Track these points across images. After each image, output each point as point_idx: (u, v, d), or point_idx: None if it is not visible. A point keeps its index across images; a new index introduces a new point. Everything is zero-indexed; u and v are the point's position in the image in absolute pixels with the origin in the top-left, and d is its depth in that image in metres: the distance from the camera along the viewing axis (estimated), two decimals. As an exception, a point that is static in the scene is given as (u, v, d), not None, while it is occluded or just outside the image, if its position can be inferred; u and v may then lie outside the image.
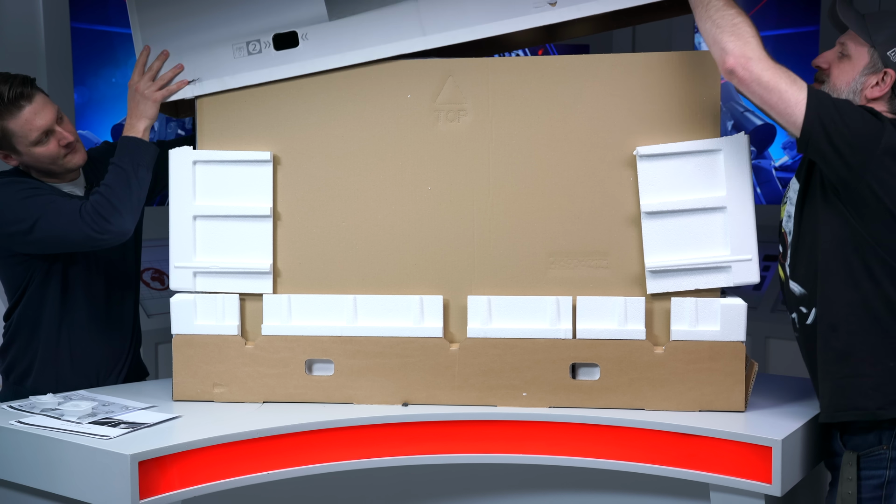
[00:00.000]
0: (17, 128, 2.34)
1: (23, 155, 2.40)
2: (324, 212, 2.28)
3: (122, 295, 2.62)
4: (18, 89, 2.33)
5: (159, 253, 2.76)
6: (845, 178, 1.97)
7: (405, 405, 2.26)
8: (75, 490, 1.95)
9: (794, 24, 4.03)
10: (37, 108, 2.35)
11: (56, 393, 2.32)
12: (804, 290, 2.13)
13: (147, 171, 2.37)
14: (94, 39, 3.78)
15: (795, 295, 2.16)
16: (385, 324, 2.26)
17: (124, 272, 2.62)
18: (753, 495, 2.02)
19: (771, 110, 1.99)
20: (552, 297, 2.21)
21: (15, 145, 2.37)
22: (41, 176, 2.46)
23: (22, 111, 2.33)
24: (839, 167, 1.96)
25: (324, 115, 2.28)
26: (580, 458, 2.16)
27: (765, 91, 1.96)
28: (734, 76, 1.96)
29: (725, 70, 1.98)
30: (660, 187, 2.18)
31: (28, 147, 2.37)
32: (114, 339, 2.59)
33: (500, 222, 2.25)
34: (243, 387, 2.29)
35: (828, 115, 1.93)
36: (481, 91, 2.24)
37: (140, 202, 2.38)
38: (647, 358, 2.19)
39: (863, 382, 2.03)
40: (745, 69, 1.95)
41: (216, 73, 2.29)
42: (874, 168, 1.94)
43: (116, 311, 2.60)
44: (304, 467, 2.12)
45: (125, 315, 2.63)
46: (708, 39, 2.01)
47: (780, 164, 4.22)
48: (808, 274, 2.11)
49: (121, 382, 2.58)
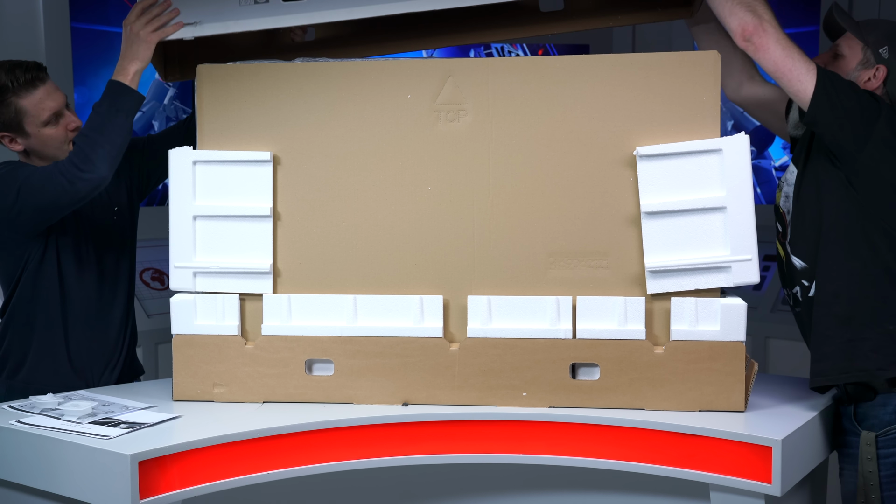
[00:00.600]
0: (31, 106, 2.39)
1: (31, 137, 2.43)
2: (324, 212, 2.28)
3: (114, 287, 2.60)
4: (34, 72, 2.41)
5: (159, 253, 2.76)
6: (849, 149, 2.15)
7: (405, 405, 2.26)
8: (75, 490, 1.95)
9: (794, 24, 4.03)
10: (49, 91, 2.42)
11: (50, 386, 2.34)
12: (805, 264, 2.26)
13: (126, 118, 2.31)
14: (94, 39, 3.78)
15: (797, 269, 2.28)
16: (385, 324, 2.26)
17: (116, 261, 2.61)
18: (753, 495, 2.03)
19: (782, 79, 2.16)
20: (552, 297, 2.21)
21: (25, 126, 2.41)
22: (42, 163, 2.46)
23: (37, 90, 2.40)
24: (843, 138, 2.14)
25: (324, 115, 2.28)
26: (580, 458, 2.16)
27: (780, 60, 2.14)
28: (751, 44, 2.14)
29: (743, 38, 2.14)
30: (660, 187, 2.18)
31: (38, 128, 2.41)
32: (108, 333, 2.59)
33: (500, 222, 2.25)
34: (243, 387, 2.29)
35: (834, 90, 2.13)
36: (481, 91, 2.24)
37: (116, 149, 2.31)
38: (647, 358, 2.19)
39: (864, 345, 2.17)
40: (762, 39, 2.13)
41: (219, 17, 2.27)
42: (876, 140, 2.13)
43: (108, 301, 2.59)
44: (304, 467, 2.12)
45: (117, 307, 2.61)
46: (723, 13, 2.17)
47: (780, 164, 4.22)
48: (809, 248, 2.25)
49: (115, 378, 2.58)
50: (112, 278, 2.60)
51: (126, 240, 2.64)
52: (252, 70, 2.29)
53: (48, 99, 2.42)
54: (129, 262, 2.66)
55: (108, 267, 2.59)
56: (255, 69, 2.29)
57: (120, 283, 2.63)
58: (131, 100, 2.32)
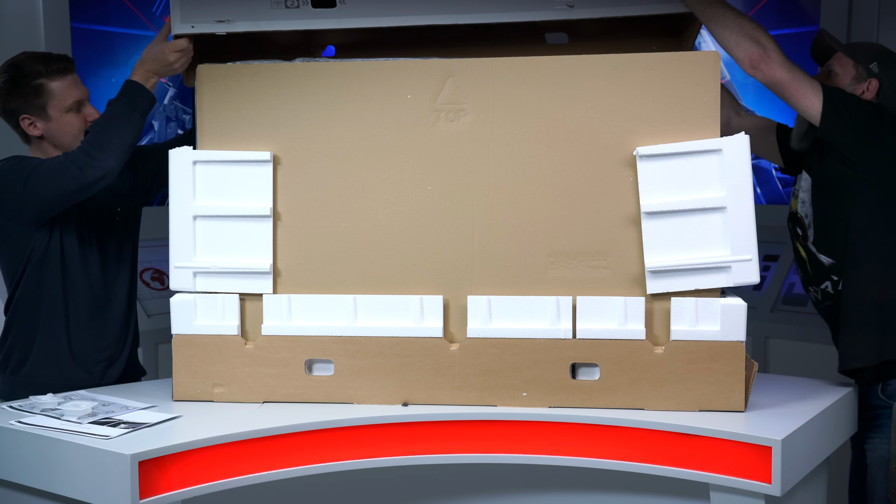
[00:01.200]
0: (59, 90, 2.49)
1: (51, 121, 2.50)
2: (324, 212, 2.28)
3: (115, 283, 2.62)
4: (65, 62, 2.53)
5: (159, 253, 2.77)
6: (862, 150, 2.34)
7: (405, 405, 2.26)
8: (75, 490, 1.95)
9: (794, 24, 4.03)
10: (76, 80, 2.54)
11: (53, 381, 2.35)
12: (832, 260, 2.44)
13: (141, 118, 2.41)
14: (94, 39, 3.78)
15: (825, 266, 2.46)
16: (385, 324, 2.26)
17: (118, 260, 2.63)
18: (753, 495, 2.03)
19: (791, 99, 2.32)
20: (552, 297, 2.21)
21: (49, 109, 2.49)
22: (53, 152, 2.52)
23: (67, 76, 2.51)
24: (855, 141, 2.33)
25: (324, 115, 2.28)
26: (580, 458, 2.16)
27: (787, 83, 2.29)
28: (759, 71, 2.27)
29: (751, 67, 2.27)
30: (660, 187, 2.18)
31: (61, 112, 2.50)
32: (110, 329, 2.60)
33: (500, 222, 2.25)
34: (243, 387, 2.29)
35: (840, 102, 2.31)
36: (481, 91, 2.24)
37: (126, 145, 2.38)
38: (647, 358, 2.19)
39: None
40: (769, 66, 2.27)
41: (250, 17, 2.31)
42: (885, 139, 2.33)
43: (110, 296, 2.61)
44: (304, 467, 2.12)
45: (119, 304, 2.62)
46: (728, 44, 2.29)
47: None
48: (835, 245, 2.43)
49: (118, 374, 2.60)
50: (114, 275, 2.62)
51: (127, 241, 2.66)
52: (252, 70, 2.29)
53: (75, 87, 2.52)
54: (130, 263, 2.67)
55: (110, 264, 2.61)
56: (255, 69, 2.29)
57: (121, 279, 2.64)
58: (146, 101, 2.41)
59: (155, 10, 4.05)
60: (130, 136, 2.39)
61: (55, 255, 2.50)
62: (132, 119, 2.38)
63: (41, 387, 2.39)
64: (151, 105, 2.43)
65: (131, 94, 2.39)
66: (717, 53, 2.20)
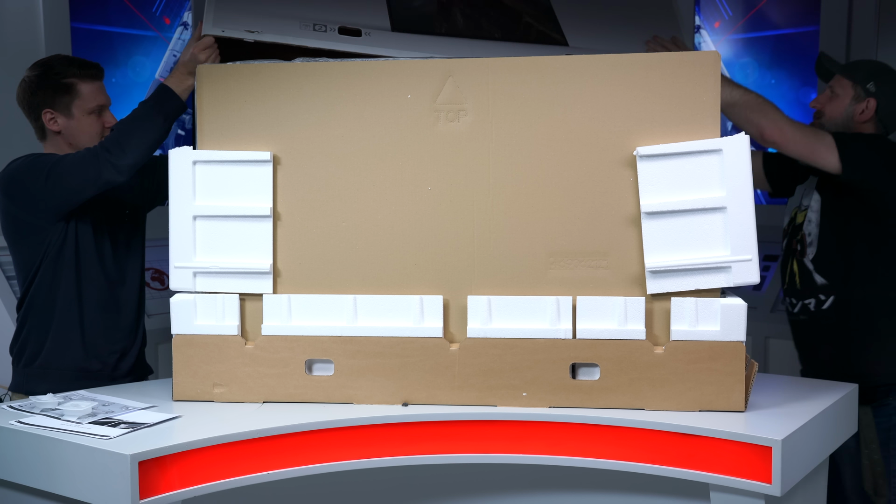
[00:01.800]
0: (87, 91, 2.59)
1: (73, 119, 2.58)
2: (324, 212, 2.28)
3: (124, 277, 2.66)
4: (97, 69, 2.65)
5: (159, 253, 2.77)
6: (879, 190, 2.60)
7: (405, 405, 2.26)
8: (75, 490, 1.95)
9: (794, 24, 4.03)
10: (103, 88, 2.66)
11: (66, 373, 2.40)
12: (825, 281, 2.66)
13: (166, 121, 2.46)
14: (94, 39, 3.78)
15: (817, 284, 2.68)
16: (385, 324, 2.26)
17: (127, 254, 2.67)
18: (753, 495, 2.02)
19: (808, 159, 2.55)
20: (552, 297, 2.21)
21: (72, 107, 2.58)
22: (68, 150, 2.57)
23: (96, 80, 2.63)
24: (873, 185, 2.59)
25: (324, 115, 2.28)
26: (580, 458, 2.16)
27: (801, 146, 2.53)
28: (775, 144, 2.53)
29: (763, 140, 2.52)
30: (660, 187, 2.18)
31: (83, 113, 2.58)
32: (123, 322, 2.64)
33: (500, 222, 2.25)
34: (243, 387, 2.29)
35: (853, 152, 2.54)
36: (481, 91, 2.24)
37: (148, 144, 2.44)
38: (647, 358, 2.19)
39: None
40: (782, 136, 2.51)
41: (278, 32, 2.37)
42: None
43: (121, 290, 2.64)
44: (304, 467, 2.12)
45: (130, 299, 2.67)
46: (740, 122, 2.52)
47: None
48: (835, 268, 2.65)
49: (129, 366, 2.65)
50: (126, 268, 2.66)
51: (137, 236, 2.72)
52: (252, 70, 2.29)
53: (100, 93, 2.63)
54: (140, 258, 2.72)
55: (122, 257, 2.65)
56: (255, 69, 2.29)
57: (133, 273, 2.68)
58: (176, 106, 2.45)
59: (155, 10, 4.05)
60: (152, 137, 2.44)
61: (70, 248, 2.54)
62: (157, 120, 2.43)
63: (56, 378, 2.43)
64: (180, 109, 2.46)
65: (159, 97, 2.44)
66: (717, 53, 2.20)
